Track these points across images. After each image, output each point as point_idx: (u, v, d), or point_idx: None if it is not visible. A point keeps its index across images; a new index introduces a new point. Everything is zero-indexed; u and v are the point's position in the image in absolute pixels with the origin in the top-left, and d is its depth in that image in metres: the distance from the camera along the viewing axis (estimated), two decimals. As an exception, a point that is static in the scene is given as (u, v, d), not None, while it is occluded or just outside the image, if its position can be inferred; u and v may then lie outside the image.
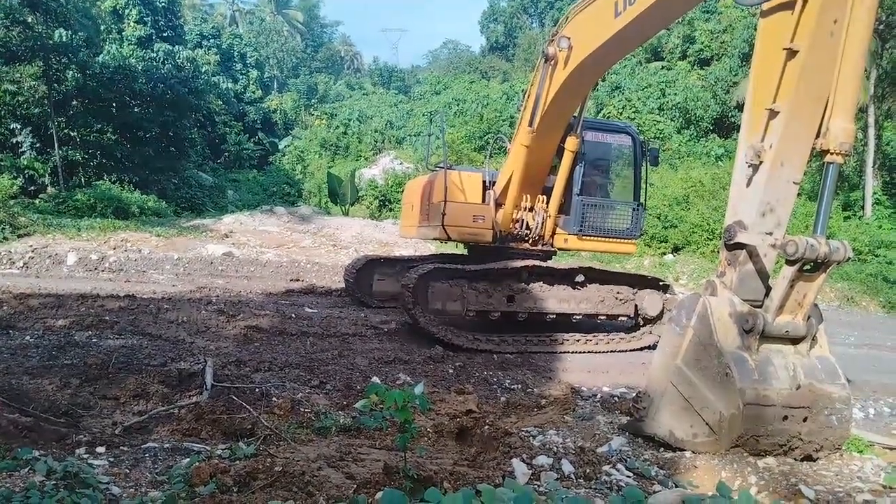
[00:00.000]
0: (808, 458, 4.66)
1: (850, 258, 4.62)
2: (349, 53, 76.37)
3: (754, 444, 4.54)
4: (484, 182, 10.32)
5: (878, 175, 26.50)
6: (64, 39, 24.89)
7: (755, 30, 5.26)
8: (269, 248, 19.37)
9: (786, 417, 4.57)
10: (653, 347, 8.78)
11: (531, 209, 10.02)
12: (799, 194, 5.53)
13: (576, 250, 11.36)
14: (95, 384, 5.83)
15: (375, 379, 6.87)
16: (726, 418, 4.51)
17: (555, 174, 9.93)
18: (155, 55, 30.84)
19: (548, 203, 9.97)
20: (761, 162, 4.91)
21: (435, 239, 11.19)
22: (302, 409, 5.61)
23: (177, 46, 32.88)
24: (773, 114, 4.87)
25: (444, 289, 9.12)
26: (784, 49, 4.79)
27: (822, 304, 5.22)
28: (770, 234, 4.95)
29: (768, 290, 4.96)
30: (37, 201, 22.74)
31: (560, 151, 9.72)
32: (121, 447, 4.37)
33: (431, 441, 4.91)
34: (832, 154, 4.48)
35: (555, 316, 9.54)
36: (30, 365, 6.27)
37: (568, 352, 9.39)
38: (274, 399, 5.80)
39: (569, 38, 8.20)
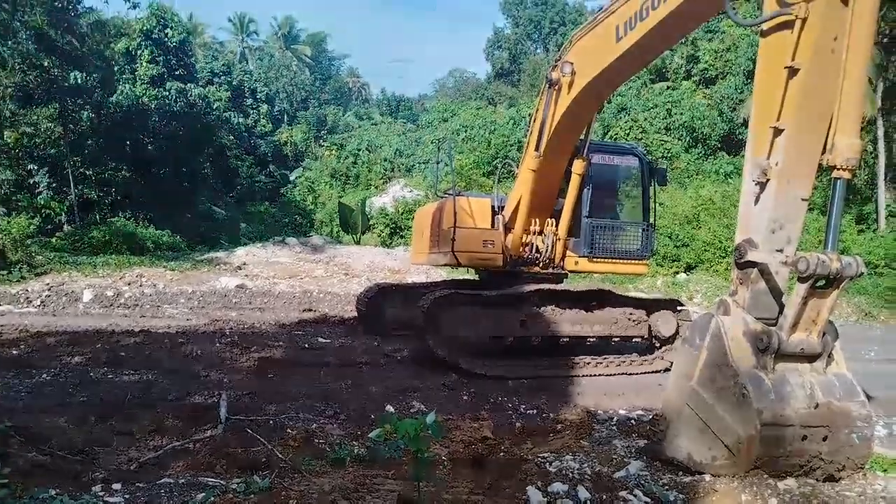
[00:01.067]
0: (830, 478, 4.57)
1: (862, 273, 4.58)
2: (357, 85, 77.48)
3: (774, 466, 4.46)
4: (493, 207, 10.37)
5: (891, 187, 26.30)
6: (79, 81, 25.49)
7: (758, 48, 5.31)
8: (282, 279, 19.47)
9: (805, 437, 4.49)
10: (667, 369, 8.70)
11: (541, 233, 10.03)
12: (811, 209, 5.52)
13: (587, 272, 11.32)
14: (111, 420, 5.86)
15: (389, 408, 6.85)
16: (744, 440, 4.44)
17: (563, 197, 9.96)
18: (167, 93, 31.42)
19: (557, 226, 9.99)
20: (768, 180, 4.90)
21: (446, 265, 11.21)
22: (316, 441, 5.60)
23: (188, 84, 33.50)
24: (777, 132, 4.89)
25: (457, 314, 9.12)
26: (785, 67, 4.82)
27: (839, 320, 5.16)
28: (781, 251, 4.92)
29: (782, 307, 4.92)
30: (53, 240, 23.06)
31: (568, 175, 9.76)
32: (136, 483, 4.38)
33: (447, 469, 4.87)
34: (839, 170, 4.46)
35: (568, 339, 9.49)
36: (46, 403, 6.33)
37: (582, 375, 9.30)
38: (288, 431, 5.80)
39: (572, 63, 8.29)
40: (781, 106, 4.87)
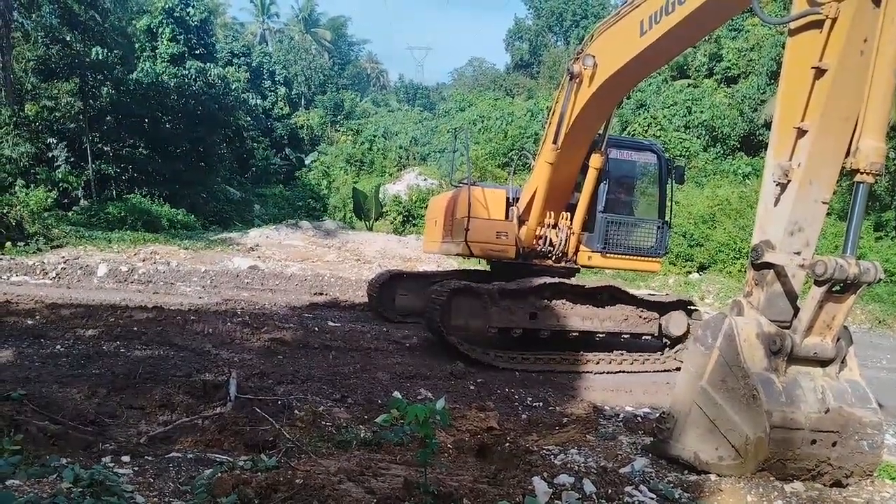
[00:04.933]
0: (838, 484, 4.54)
1: (880, 279, 4.53)
2: (375, 71, 77.29)
3: (781, 469, 4.44)
4: (507, 198, 10.34)
5: (912, 195, 25.85)
6: (100, 57, 25.64)
7: (783, 48, 5.23)
8: (294, 262, 19.57)
9: (814, 441, 4.47)
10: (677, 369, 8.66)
11: (555, 226, 10.00)
12: (828, 214, 5.45)
13: (599, 268, 11.26)
14: (122, 394, 5.94)
15: (397, 394, 6.88)
16: (752, 441, 4.42)
17: (579, 191, 9.91)
18: (187, 72, 31.52)
19: (571, 220, 9.94)
20: (789, 181, 4.85)
21: (458, 255, 11.21)
22: (323, 423, 5.64)
23: (208, 64, 33.57)
24: (801, 132, 4.83)
25: (466, 305, 9.12)
26: (812, 68, 4.75)
27: (852, 327, 5.12)
28: (798, 253, 4.87)
29: (796, 310, 4.88)
30: (70, 213, 23.30)
31: (584, 169, 9.70)
32: (145, 456, 4.43)
33: (452, 457, 4.89)
34: (862, 174, 4.40)
35: (578, 334, 9.46)
36: (59, 374, 6.41)
37: (591, 371, 9.29)
38: (296, 412, 5.84)
39: (594, 56, 8.22)
40: (806, 107, 4.81)
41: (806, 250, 4.89)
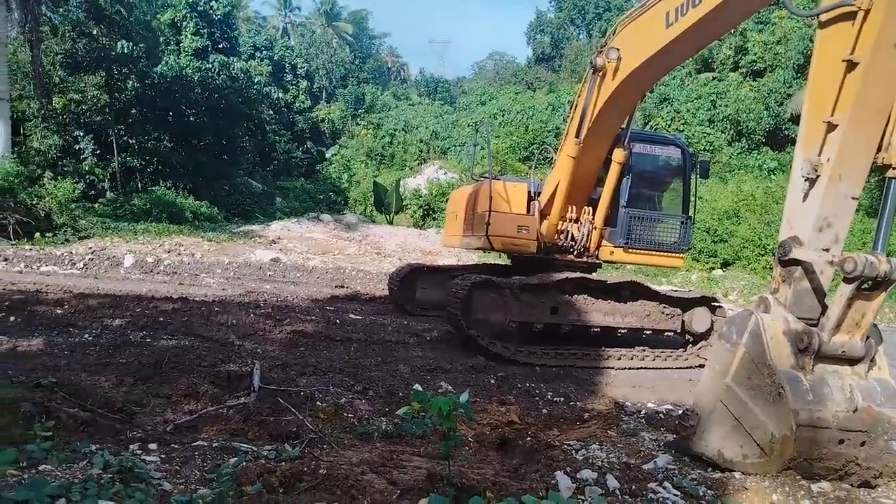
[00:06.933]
0: (866, 484, 4.47)
1: (912, 277, 4.43)
2: (396, 64, 77.35)
3: (808, 468, 4.38)
4: (529, 193, 10.30)
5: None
6: (125, 51, 26.02)
7: (811, 41, 5.14)
8: (315, 255, 19.73)
9: (842, 441, 4.40)
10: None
11: (577, 221, 9.94)
12: (857, 210, 5.34)
13: (622, 263, 11.19)
14: (149, 383, 6.02)
15: (417, 386, 6.90)
16: (778, 440, 4.36)
17: (601, 186, 9.84)
18: (210, 66, 31.82)
19: (594, 215, 9.88)
20: (818, 176, 4.76)
21: (478, 249, 11.20)
22: (345, 414, 5.68)
23: (231, 57, 33.86)
24: (831, 126, 4.73)
25: (487, 299, 9.11)
26: (843, 61, 4.65)
27: (882, 325, 5.02)
28: (827, 250, 4.79)
29: (824, 308, 4.80)
30: (96, 205, 23.72)
31: (607, 163, 9.62)
32: (172, 444, 4.50)
33: (473, 451, 4.90)
34: (894, 169, 4.32)
35: (599, 329, 9.41)
36: (88, 362, 6.53)
37: (612, 367, 9.24)
38: (318, 403, 5.89)
39: (618, 50, 8.13)
40: (836, 100, 4.71)
41: (835, 247, 4.81)
